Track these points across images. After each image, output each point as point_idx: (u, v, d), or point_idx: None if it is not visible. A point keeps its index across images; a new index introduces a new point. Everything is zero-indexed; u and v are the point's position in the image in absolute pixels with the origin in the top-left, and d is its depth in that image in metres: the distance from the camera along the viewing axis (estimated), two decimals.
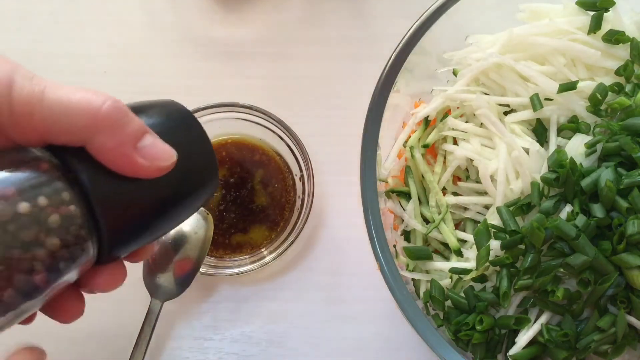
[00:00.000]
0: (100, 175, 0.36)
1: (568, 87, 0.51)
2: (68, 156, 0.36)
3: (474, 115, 0.53)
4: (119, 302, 0.62)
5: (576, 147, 0.50)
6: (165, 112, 0.41)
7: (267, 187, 0.64)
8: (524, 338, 0.48)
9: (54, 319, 0.40)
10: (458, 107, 0.55)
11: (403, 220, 0.55)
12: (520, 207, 0.49)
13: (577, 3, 0.54)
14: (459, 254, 0.52)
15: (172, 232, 0.59)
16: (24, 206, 0.33)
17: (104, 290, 0.39)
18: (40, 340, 0.42)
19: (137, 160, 0.36)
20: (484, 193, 0.53)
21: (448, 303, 0.51)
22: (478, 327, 0.48)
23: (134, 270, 0.60)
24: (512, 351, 0.49)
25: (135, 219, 0.38)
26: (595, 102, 0.50)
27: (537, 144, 0.51)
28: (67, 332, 0.62)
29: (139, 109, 0.39)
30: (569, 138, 0.51)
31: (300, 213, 0.62)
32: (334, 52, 0.69)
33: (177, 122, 0.41)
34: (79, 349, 0.62)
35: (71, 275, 0.36)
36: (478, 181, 0.52)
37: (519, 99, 0.52)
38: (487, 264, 0.49)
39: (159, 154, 0.37)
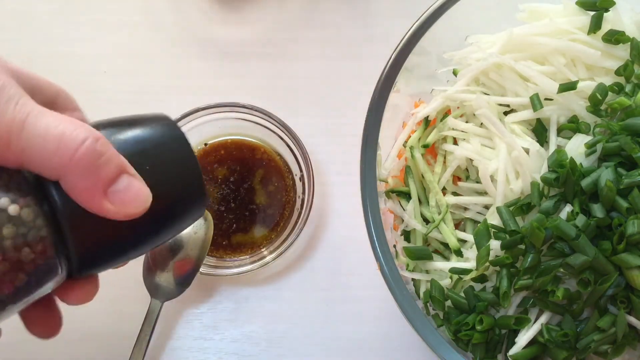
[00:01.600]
0: (71, 200, 0.35)
1: (568, 87, 0.51)
2: (44, 180, 0.35)
3: (474, 115, 0.53)
4: (119, 302, 0.62)
5: (576, 147, 0.50)
6: (149, 133, 0.39)
7: (267, 187, 0.64)
8: (524, 338, 0.48)
9: (31, 331, 0.41)
10: (458, 107, 0.55)
11: (403, 220, 0.55)
12: (520, 207, 0.49)
13: (577, 3, 0.54)
14: (459, 254, 0.52)
15: None
16: None
17: (76, 303, 0.39)
18: (39, 340, 0.42)
19: (105, 206, 0.35)
20: (484, 193, 0.53)
21: (448, 303, 0.51)
22: (478, 327, 0.48)
23: (134, 270, 0.60)
24: (512, 351, 0.49)
25: (106, 243, 0.37)
26: (595, 102, 0.50)
27: (537, 144, 0.51)
28: (67, 333, 0.61)
29: (120, 130, 0.37)
30: (569, 138, 0.51)
31: (300, 213, 0.62)
32: (334, 52, 0.69)
33: (160, 144, 0.39)
34: (79, 349, 0.62)
35: (41, 290, 0.36)
36: (478, 181, 0.52)
37: (519, 99, 0.52)
38: (487, 264, 0.49)
39: (130, 200, 0.36)
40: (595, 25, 0.52)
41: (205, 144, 0.65)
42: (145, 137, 0.38)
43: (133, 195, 0.36)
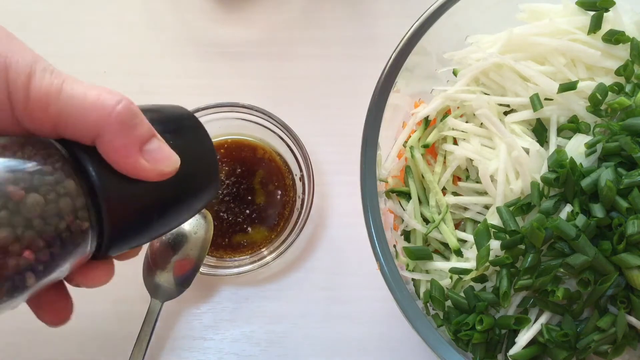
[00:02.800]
0: (106, 172, 0.36)
1: (568, 87, 0.51)
2: (78, 151, 0.36)
3: (474, 115, 0.53)
4: (119, 302, 0.62)
5: (576, 147, 0.50)
6: (173, 116, 0.42)
7: (267, 187, 0.64)
8: (524, 338, 0.48)
9: (42, 318, 0.41)
10: (458, 107, 0.55)
11: (403, 220, 0.55)
12: (520, 207, 0.49)
13: (577, 3, 0.54)
14: (459, 254, 0.52)
15: (172, 231, 0.59)
16: (31, 193, 0.34)
17: (93, 285, 0.40)
18: (40, 340, 0.42)
19: (141, 162, 0.37)
20: (484, 193, 0.53)
21: (448, 303, 0.51)
22: (478, 327, 0.48)
23: (134, 270, 0.60)
24: (512, 351, 0.49)
25: (136, 218, 0.38)
26: (595, 102, 0.50)
27: (537, 144, 0.51)
28: (67, 332, 0.62)
29: (147, 111, 0.39)
30: (569, 138, 0.51)
31: (300, 213, 0.62)
32: (334, 52, 0.69)
33: (182, 126, 0.42)
34: (79, 349, 0.62)
35: (66, 267, 0.36)
36: (478, 181, 0.52)
37: (519, 99, 0.52)
38: (487, 264, 0.49)
39: (163, 159, 0.38)
40: (595, 25, 0.52)
41: None
42: (169, 118, 0.41)
43: (165, 155, 0.38)
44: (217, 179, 0.43)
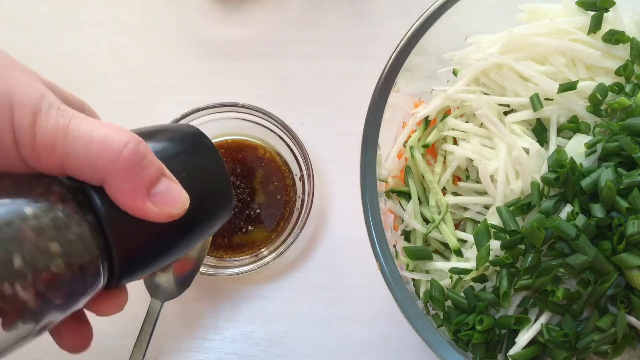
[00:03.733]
0: (115, 207, 0.36)
1: (568, 87, 0.51)
2: (86, 187, 0.36)
3: (474, 115, 0.53)
4: None
5: (576, 147, 0.50)
6: (184, 141, 0.41)
7: (267, 187, 0.64)
8: (524, 338, 0.48)
9: (62, 346, 0.41)
10: (458, 107, 0.55)
11: (403, 220, 0.55)
12: (520, 207, 0.49)
13: (577, 3, 0.54)
14: (459, 254, 0.52)
15: None
16: (42, 236, 0.33)
17: (106, 314, 0.40)
18: (39, 339, 0.42)
19: (148, 207, 0.36)
20: (484, 193, 0.53)
21: (448, 303, 0.51)
22: (478, 327, 0.48)
23: None
24: (512, 351, 0.49)
25: (147, 250, 0.38)
26: (595, 102, 0.50)
27: (537, 144, 0.51)
28: None
29: (157, 135, 0.39)
30: (569, 138, 0.51)
31: (300, 213, 0.62)
32: (334, 52, 0.69)
33: (194, 152, 0.41)
34: None
35: (81, 302, 0.36)
36: (478, 181, 0.52)
37: (519, 99, 0.52)
38: (487, 264, 0.49)
39: (171, 201, 0.37)
40: (595, 25, 0.52)
41: None
42: (179, 145, 0.40)
43: (174, 196, 0.37)
44: (231, 203, 0.42)
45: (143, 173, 0.36)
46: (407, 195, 0.55)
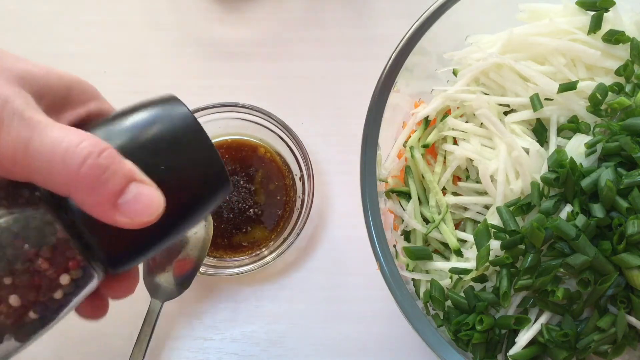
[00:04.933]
0: None
1: (568, 87, 0.51)
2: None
3: (474, 115, 0.53)
4: (119, 302, 0.62)
5: (576, 147, 0.50)
6: (162, 121, 0.38)
7: (267, 187, 0.64)
8: (524, 338, 0.48)
9: (80, 313, 0.41)
10: (458, 107, 0.55)
11: (403, 220, 0.55)
12: (520, 207, 0.49)
13: (577, 3, 0.54)
14: (459, 254, 0.52)
15: None
16: (25, 245, 0.34)
17: (118, 297, 0.41)
18: (40, 339, 0.42)
19: (117, 219, 0.35)
20: (484, 193, 0.53)
21: (448, 303, 0.51)
22: (478, 327, 0.48)
23: None
24: (512, 351, 0.49)
25: (134, 241, 0.37)
26: (595, 102, 0.50)
27: (537, 144, 0.51)
28: (67, 332, 0.62)
29: (128, 125, 0.37)
30: (569, 138, 0.51)
31: (300, 213, 0.62)
32: (334, 52, 0.69)
33: (173, 133, 0.37)
34: (78, 349, 0.62)
35: (82, 293, 0.37)
36: (478, 181, 0.52)
37: (519, 99, 0.52)
38: (487, 264, 0.49)
39: (141, 209, 0.35)
40: (595, 25, 0.52)
41: None
42: (156, 129, 0.37)
43: (144, 203, 0.35)
44: (225, 177, 0.39)
45: (106, 186, 0.34)
46: (407, 195, 0.55)
